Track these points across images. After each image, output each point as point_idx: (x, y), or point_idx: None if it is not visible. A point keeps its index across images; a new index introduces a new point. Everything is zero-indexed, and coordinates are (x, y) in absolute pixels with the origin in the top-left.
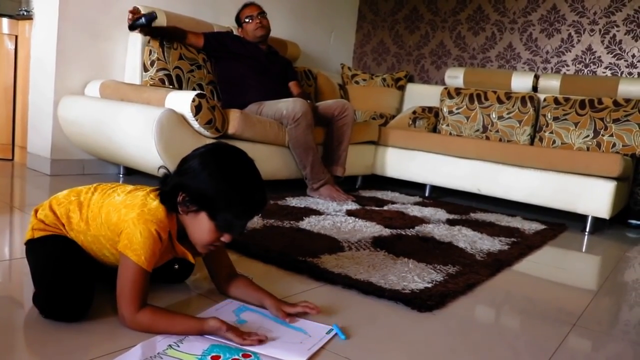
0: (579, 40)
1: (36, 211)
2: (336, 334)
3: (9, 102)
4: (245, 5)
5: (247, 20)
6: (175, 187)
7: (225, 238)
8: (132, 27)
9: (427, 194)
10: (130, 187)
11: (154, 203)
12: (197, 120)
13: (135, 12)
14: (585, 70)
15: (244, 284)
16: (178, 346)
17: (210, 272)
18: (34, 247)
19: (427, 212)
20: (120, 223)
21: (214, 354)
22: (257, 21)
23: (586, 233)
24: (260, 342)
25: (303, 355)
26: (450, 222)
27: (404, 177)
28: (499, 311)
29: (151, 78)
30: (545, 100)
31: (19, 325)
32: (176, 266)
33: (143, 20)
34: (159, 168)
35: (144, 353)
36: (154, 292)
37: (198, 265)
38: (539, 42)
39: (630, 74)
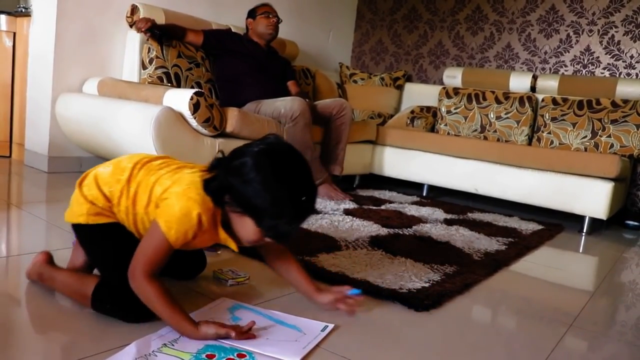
0: (577, 41)
1: (80, 186)
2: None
3: (6, 100)
4: (265, 4)
5: (264, 13)
6: (222, 188)
7: (270, 239)
8: (146, 31)
9: (424, 194)
10: (177, 164)
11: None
12: (195, 118)
13: (150, 21)
14: (584, 71)
15: (296, 272)
16: (173, 345)
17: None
18: (93, 236)
19: (424, 211)
20: (164, 193)
21: (208, 353)
22: (274, 20)
23: (583, 234)
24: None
25: (298, 354)
26: (448, 222)
27: (401, 177)
28: (496, 311)
29: (149, 76)
30: (543, 100)
31: (15, 323)
32: (219, 252)
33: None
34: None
35: (138, 351)
36: None
37: None
38: (537, 42)
39: (628, 74)
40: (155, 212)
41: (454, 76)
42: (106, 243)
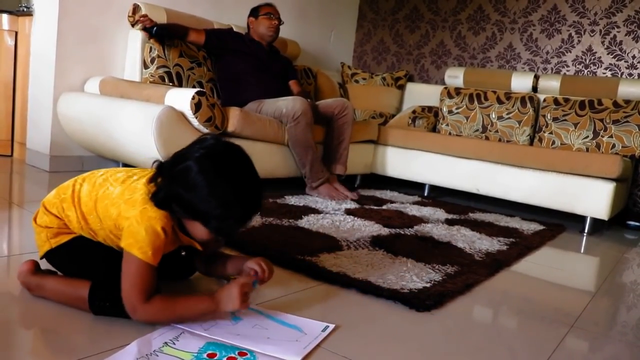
0: (579, 41)
1: (35, 220)
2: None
3: (8, 99)
4: (269, 4)
5: (266, 14)
6: (168, 197)
7: (222, 238)
8: (145, 30)
9: (426, 194)
10: (122, 175)
11: None
12: (196, 117)
13: (148, 19)
14: (586, 71)
15: (221, 261)
16: (174, 343)
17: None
18: (65, 255)
19: (425, 211)
20: (121, 220)
21: (210, 352)
22: (275, 22)
23: (585, 234)
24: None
25: (299, 354)
26: (449, 222)
27: (403, 177)
28: (497, 312)
29: (151, 75)
30: (545, 100)
31: (16, 323)
32: (183, 252)
33: (154, 31)
34: (153, 163)
35: (139, 351)
36: None
37: None
38: (539, 42)
39: (630, 75)
40: (121, 240)
41: (455, 76)
42: (78, 255)
